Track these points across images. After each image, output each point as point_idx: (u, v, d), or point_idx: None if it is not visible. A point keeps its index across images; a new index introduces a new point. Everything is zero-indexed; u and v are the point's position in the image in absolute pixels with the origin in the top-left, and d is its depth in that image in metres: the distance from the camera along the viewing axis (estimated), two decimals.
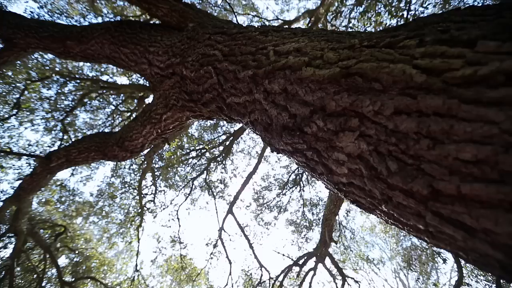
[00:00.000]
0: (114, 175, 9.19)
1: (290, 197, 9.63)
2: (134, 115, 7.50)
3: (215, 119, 1.87)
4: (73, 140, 7.60)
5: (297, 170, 9.36)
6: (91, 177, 9.64)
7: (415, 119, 0.60)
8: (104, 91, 7.98)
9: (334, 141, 0.81)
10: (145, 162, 6.66)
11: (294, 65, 0.98)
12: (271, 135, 1.15)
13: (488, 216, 0.50)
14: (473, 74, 0.52)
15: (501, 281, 5.52)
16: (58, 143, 7.79)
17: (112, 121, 8.80)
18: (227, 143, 8.50)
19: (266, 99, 1.13)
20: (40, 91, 7.96)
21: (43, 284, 8.76)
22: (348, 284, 7.62)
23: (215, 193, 8.28)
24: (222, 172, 9.54)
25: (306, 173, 1.30)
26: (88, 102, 8.27)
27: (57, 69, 7.15)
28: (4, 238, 8.62)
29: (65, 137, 7.60)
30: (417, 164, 0.61)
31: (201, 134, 8.80)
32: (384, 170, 0.66)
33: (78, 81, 7.81)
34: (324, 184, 1.05)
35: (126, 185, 8.36)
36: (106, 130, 8.64)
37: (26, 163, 7.93)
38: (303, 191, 9.44)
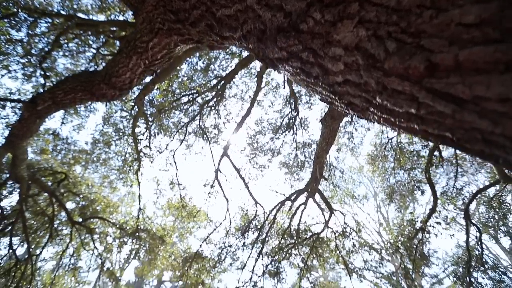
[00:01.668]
0: (107, 123, 9.08)
1: (283, 141, 9.88)
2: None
3: (205, 42, 1.74)
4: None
5: (290, 113, 9.39)
6: (83, 126, 9.54)
7: None
8: (81, 31, 7.27)
9: (332, 34, 0.77)
10: (136, 107, 6.51)
11: None
12: (265, 44, 1.09)
13: (481, 81, 0.51)
14: None
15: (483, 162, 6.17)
16: (41, 90, 7.42)
17: (96, 66, 8.26)
18: (219, 87, 8.24)
19: (259, 2, 1.03)
20: (9, 33, 7.22)
21: (55, 225, 9.46)
22: (335, 215, 8.47)
23: (209, 138, 8.40)
24: (215, 118, 9.51)
25: (301, 84, 1.27)
26: (65, 44, 7.61)
27: (22, 2, 6.33)
28: (7, 185, 8.91)
29: (47, 83, 7.20)
30: (417, 41, 0.60)
31: (192, 77, 8.44)
32: (382, 53, 0.65)
33: (49, 18, 7.02)
34: (319, 93, 1.05)
35: (120, 133, 8.34)
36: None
37: (12, 111, 7.68)
38: (296, 135, 9.63)
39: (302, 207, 7.58)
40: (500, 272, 11.64)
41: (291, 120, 9.53)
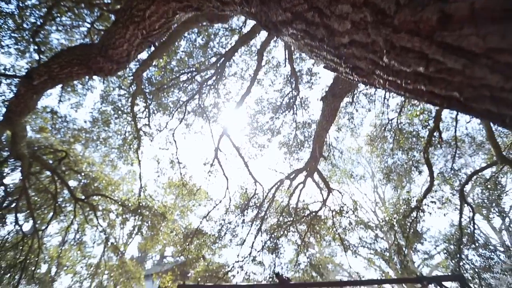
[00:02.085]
0: (105, 101, 8.97)
1: (283, 120, 9.83)
2: None
3: (204, 10, 1.66)
4: None
5: (290, 93, 9.25)
6: (81, 104, 9.43)
7: None
8: (74, 3, 6.95)
9: None
10: (135, 84, 6.39)
11: None
12: (268, 7, 1.04)
13: (496, 31, 0.49)
14: None
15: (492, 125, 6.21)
16: (36, 66, 7.24)
17: (90, 41, 8.00)
18: (219, 64, 8.04)
19: None
20: None
21: (58, 202, 9.66)
22: (333, 195, 8.64)
23: (209, 117, 8.34)
24: (215, 97, 9.38)
25: (305, 50, 1.22)
26: (58, 17, 7.31)
27: None
28: (9, 162, 8.98)
29: (42, 58, 7.01)
30: None
31: (191, 54, 8.21)
32: (393, 6, 0.61)
33: None
34: (323, 59, 1.01)
35: (119, 111, 8.26)
36: None
37: (8, 88, 7.55)
38: (296, 114, 9.56)
39: (300, 186, 7.71)
40: (489, 250, 12.12)
41: (291, 100, 9.42)
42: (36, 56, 7.40)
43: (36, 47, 7.20)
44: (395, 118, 8.79)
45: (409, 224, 7.63)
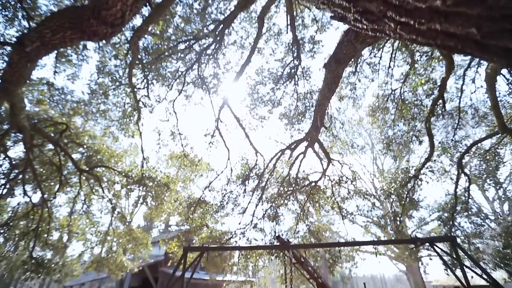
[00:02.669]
0: (101, 72, 8.74)
1: (284, 91, 9.64)
2: None
3: None
4: None
5: (292, 62, 8.96)
6: (77, 75, 9.20)
7: None
8: None
9: None
10: (131, 53, 6.16)
11: None
12: None
13: None
14: None
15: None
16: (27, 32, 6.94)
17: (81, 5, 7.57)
18: (217, 32, 7.68)
19: None
20: None
21: (63, 174, 9.87)
22: (333, 165, 8.78)
23: (209, 88, 8.17)
24: (214, 67, 9.11)
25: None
26: None
27: None
28: (11, 135, 9.02)
29: (32, 26, 6.69)
30: None
31: (189, 19, 7.81)
32: None
33: None
34: (331, 5, 0.95)
35: (117, 82, 8.07)
36: None
37: (0, 58, 7.32)
38: (297, 85, 9.37)
39: (301, 157, 7.79)
40: (481, 218, 12.62)
41: (292, 70, 9.17)
42: (25, 24, 7.07)
43: (25, 13, 6.86)
44: (398, 88, 8.63)
45: (406, 192, 7.85)
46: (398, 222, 9.06)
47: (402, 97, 8.48)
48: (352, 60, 8.41)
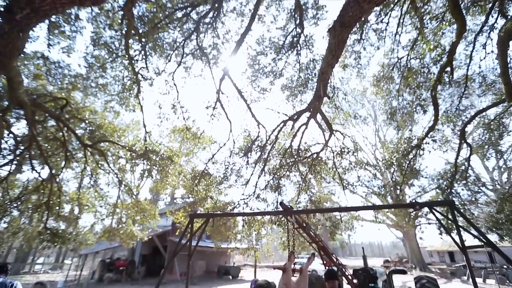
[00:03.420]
0: (97, 44, 8.44)
1: (286, 61, 9.34)
2: None
3: None
4: None
5: (294, 30, 8.55)
6: (72, 48, 8.93)
7: None
8: None
9: None
10: (126, 21, 5.89)
11: None
12: None
13: None
14: None
15: None
16: None
17: None
18: None
19: None
20: None
21: (69, 150, 10.01)
22: (335, 136, 8.78)
23: (208, 59, 7.92)
24: (213, 36, 8.75)
25: None
26: None
27: None
28: (12, 112, 9.01)
29: None
30: None
31: None
32: None
33: None
34: None
35: (113, 54, 7.83)
36: None
37: None
38: (300, 55, 9.04)
39: (303, 128, 7.77)
40: (478, 186, 12.85)
41: (295, 39, 8.79)
42: None
43: None
44: (405, 56, 8.31)
45: (407, 162, 7.91)
46: (398, 191, 9.27)
47: (409, 66, 8.20)
48: (358, 25, 8.00)
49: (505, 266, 19.84)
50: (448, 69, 6.13)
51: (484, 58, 7.71)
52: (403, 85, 8.52)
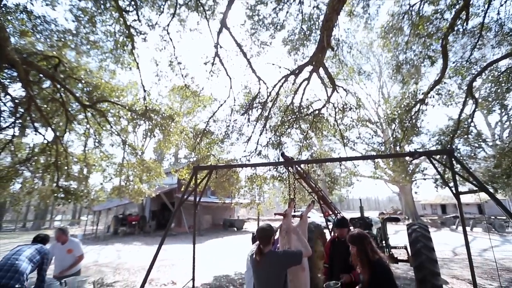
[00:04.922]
0: None
1: (288, 11, 8.64)
2: None
3: None
4: None
5: None
6: (56, 0, 8.26)
7: None
8: None
9: None
10: None
11: None
12: None
13: None
14: None
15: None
16: None
17: None
18: None
19: None
20: None
21: (69, 110, 9.94)
22: (338, 92, 8.56)
23: (204, 9, 7.32)
24: None
25: None
26: None
27: None
28: (4, 73, 8.73)
29: None
30: None
31: None
32: None
33: None
34: None
35: (101, 5, 7.24)
36: None
37: None
38: (302, 3, 8.32)
39: (305, 83, 7.54)
40: (478, 141, 12.93)
41: None
42: None
43: None
44: (417, 3, 7.62)
45: (410, 117, 7.83)
46: (398, 148, 9.38)
47: (421, 14, 7.57)
48: None
49: (492, 217, 21.09)
50: (464, 15, 5.66)
51: (505, 2, 7.08)
52: (412, 35, 7.98)
